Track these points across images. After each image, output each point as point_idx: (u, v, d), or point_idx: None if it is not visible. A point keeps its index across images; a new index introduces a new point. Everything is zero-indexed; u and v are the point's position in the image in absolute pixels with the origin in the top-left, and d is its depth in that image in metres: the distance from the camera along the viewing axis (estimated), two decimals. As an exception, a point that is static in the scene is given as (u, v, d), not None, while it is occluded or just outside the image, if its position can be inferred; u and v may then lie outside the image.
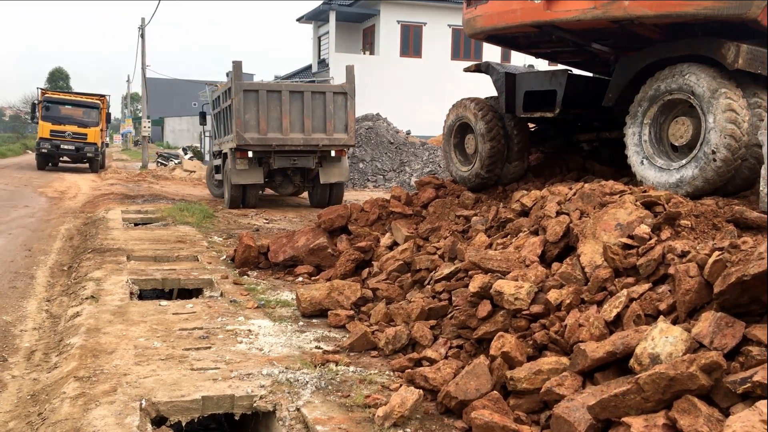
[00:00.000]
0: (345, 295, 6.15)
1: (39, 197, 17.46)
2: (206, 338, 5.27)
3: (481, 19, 7.18)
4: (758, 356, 3.07)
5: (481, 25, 7.22)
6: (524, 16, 6.54)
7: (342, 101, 14.46)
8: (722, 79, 5.38)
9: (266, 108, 13.83)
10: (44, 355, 5.26)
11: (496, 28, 7.06)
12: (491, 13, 7.00)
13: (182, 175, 25.88)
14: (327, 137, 14.34)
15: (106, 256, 8.64)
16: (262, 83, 14.48)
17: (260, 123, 13.83)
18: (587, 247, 4.71)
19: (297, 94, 14.18)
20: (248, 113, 13.76)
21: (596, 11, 5.93)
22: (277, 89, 14.25)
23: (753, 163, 5.39)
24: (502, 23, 6.90)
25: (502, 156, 7.71)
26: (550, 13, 6.27)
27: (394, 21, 33.71)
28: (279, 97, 13.98)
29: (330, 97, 14.38)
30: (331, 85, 15.37)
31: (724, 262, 3.57)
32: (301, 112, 14.11)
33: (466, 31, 7.58)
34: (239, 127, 13.68)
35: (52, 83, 71.95)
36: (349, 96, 14.46)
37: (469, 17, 7.39)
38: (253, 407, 4.08)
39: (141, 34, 33.67)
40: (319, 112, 14.30)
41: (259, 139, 13.84)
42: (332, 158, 14.76)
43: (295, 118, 14.09)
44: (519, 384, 3.79)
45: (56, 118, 28.27)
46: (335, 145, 14.51)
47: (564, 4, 6.17)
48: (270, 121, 13.88)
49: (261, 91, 13.95)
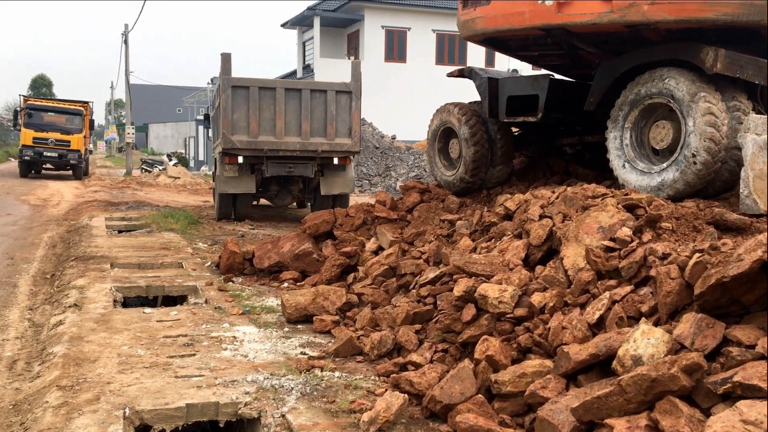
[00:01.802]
0: (330, 301, 6.15)
1: (21, 205, 17.29)
2: (191, 345, 5.25)
3: (481, 20, 6.83)
4: (738, 357, 3.10)
5: (481, 27, 6.88)
6: (533, 19, 6.24)
7: (346, 101, 12.85)
8: (701, 83, 5.45)
9: (258, 107, 12.26)
10: (26, 364, 5.21)
11: (498, 30, 6.73)
12: (494, 15, 6.65)
13: (167, 182, 25.74)
14: (328, 142, 12.75)
15: (90, 264, 8.57)
16: (253, 79, 12.80)
17: (250, 124, 12.26)
18: (570, 250, 4.74)
19: (294, 93, 12.60)
20: (237, 113, 12.21)
21: (613, 15, 5.71)
22: (271, 86, 12.61)
23: (733, 165, 5.46)
24: (507, 26, 6.57)
25: (486, 160, 7.74)
26: (563, 16, 6.00)
27: (379, 26, 33.80)
28: (273, 95, 12.42)
29: (332, 96, 12.75)
30: (333, 83, 13.24)
31: (704, 264, 3.61)
32: (298, 112, 12.55)
33: (462, 33, 7.22)
34: (226, 128, 12.17)
35: (35, 90, 71.44)
36: (355, 96, 12.86)
37: (466, 18, 7.02)
38: (237, 414, 4.06)
39: (124, 40, 33.49)
40: (319, 114, 12.71)
41: (248, 143, 12.29)
42: (335, 166, 13.12)
43: (291, 119, 12.53)
44: (503, 387, 3.81)
45: (39, 125, 28.00)
46: (337, 152, 12.91)
47: (578, 7, 5.90)
48: (262, 122, 12.32)
49: (252, 88, 12.28)
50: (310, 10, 34.20)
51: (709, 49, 5.41)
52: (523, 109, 7.22)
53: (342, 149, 12.87)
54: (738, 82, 5.59)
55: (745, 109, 5.52)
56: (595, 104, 6.46)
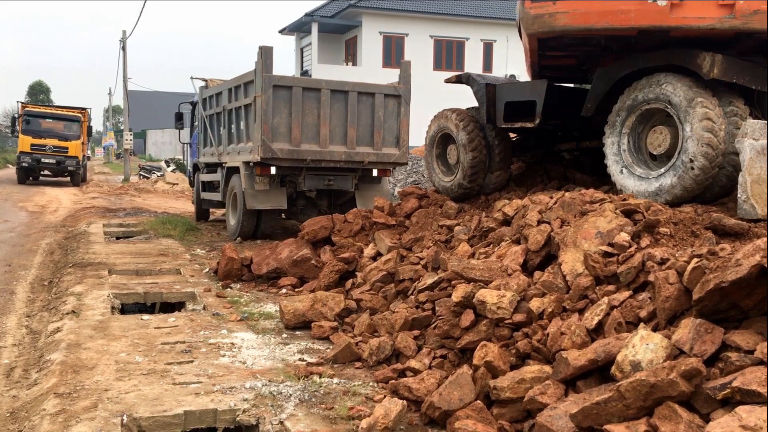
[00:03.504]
0: (329, 307, 6.14)
1: (19, 211, 17.27)
2: (189, 352, 5.23)
3: (565, 16, 6.10)
4: (737, 362, 3.10)
5: (563, 23, 6.12)
6: (640, 19, 5.71)
7: (394, 106, 11.46)
8: (698, 88, 5.46)
9: (300, 111, 10.73)
10: (24, 371, 5.19)
11: (590, 29, 6.03)
12: (586, 12, 5.96)
13: (165, 188, 25.73)
14: (374, 152, 11.30)
15: (88, 271, 8.56)
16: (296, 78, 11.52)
17: (293, 130, 10.71)
18: (568, 255, 4.74)
19: (340, 95, 11.05)
20: (277, 117, 10.60)
21: (735, 21, 5.39)
22: (315, 87, 10.98)
23: (730, 170, 5.47)
24: (603, 24, 5.90)
25: (484, 166, 7.75)
26: (677, 18, 5.58)
27: (377, 32, 33.89)
28: (317, 97, 10.85)
29: (380, 100, 11.32)
30: (381, 85, 11.74)
31: (702, 269, 3.61)
32: (344, 118, 11.09)
33: (532, 27, 6.32)
34: (266, 134, 10.49)
35: (33, 96, 71.39)
36: (404, 100, 11.49)
37: (541, 12, 6.22)
38: (236, 421, 4.05)
39: (122, 47, 33.54)
40: (366, 120, 11.26)
41: (290, 152, 10.70)
42: (372, 179, 11.71)
43: (337, 125, 11.04)
44: (502, 393, 3.80)
45: (37, 131, 28.03)
46: (383, 163, 11.46)
47: (696, 10, 5.51)
48: (304, 128, 10.79)
49: (295, 89, 10.71)
50: (308, 16, 34.27)
51: (705, 54, 5.43)
52: (520, 115, 7.22)
53: (389, 160, 11.47)
54: (735, 87, 5.60)
55: (742, 114, 5.53)
56: (592, 110, 6.46)
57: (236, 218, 11.63)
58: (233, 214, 11.86)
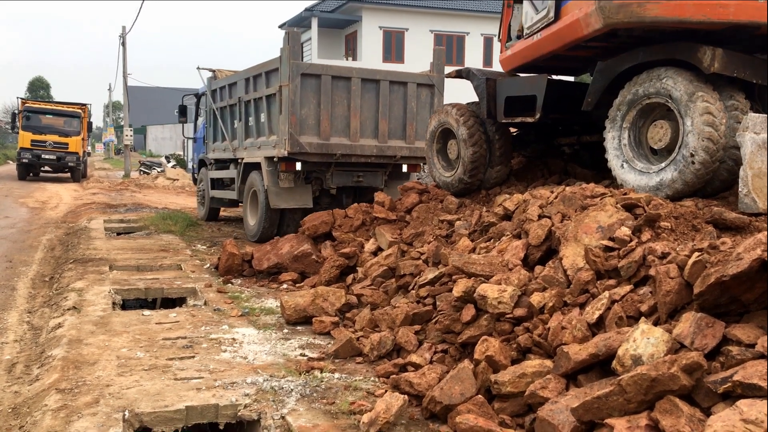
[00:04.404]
0: (330, 302, 6.14)
1: (20, 208, 17.27)
2: (190, 347, 5.24)
3: (658, 7, 5.63)
4: (738, 356, 3.10)
5: (655, 14, 5.66)
6: (740, 14, 5.48)
7: (427, 96, 10.77)
8: (699, 82, 5.44)
9: (330, 102, 10.01)
10: (25, 367, 5.20)
11: (682, 21, 5.64)
12: (682, 4, 5.57)
13: (165, 184, 25.73)
14: (407, 146, 10.67)
15: (88, 267, 8.57)
16: (326, 66, 10.46)
17: (322, 122, 9.98)
18: (569, 249, 4.74)
19: (371, 84, 10.33)
20: (306, 108, 9.85)
21: None
22: (345, 75, 10.26)
23: (731, 164, 5.46)
24: (699, 17, 5.55)
25: (484, 161, 7.74)
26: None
27: (376, 27, 33.83)
28: (348, 86, 10.14)
29: (413, 89, 10.62)
30: (414, 73, 11.04)
31: (703, 263, 3.60)
32: (375, 109, 10.39)
33: (616, 17, 5.82)
34: (293, 127, 9.74)
35: (33, 92, 71.39)
36: (437, 90, 10.81)
37: (624, 3, 5.76)
38: (237, 416, 4.06)
39: (122, 42, 33.50)
40: (398, 111, 10.57)
41: (319, 146, 10.00)
42: (401, 174, 11.05)
43: (368, 117, 10.33)
44: (503, 387, 3.80)
45: (37, 127, 28.03)
46: (415, 157, 10.79)
47: None
48: (334, 120, 10.08)
49: (324, 77, 9.97)
50: (308, 11, 34.22)
51: (706, 48, 5.40)
52: (521, 110, 7.21)
53: (422, 154, 10.51)
54: (736, 81, 5.59)
55: (743, 108, 5.51)
56: (593, 104, 6.44)
57: (257, 218, 10.83)
58: (253, 214, 11.08)
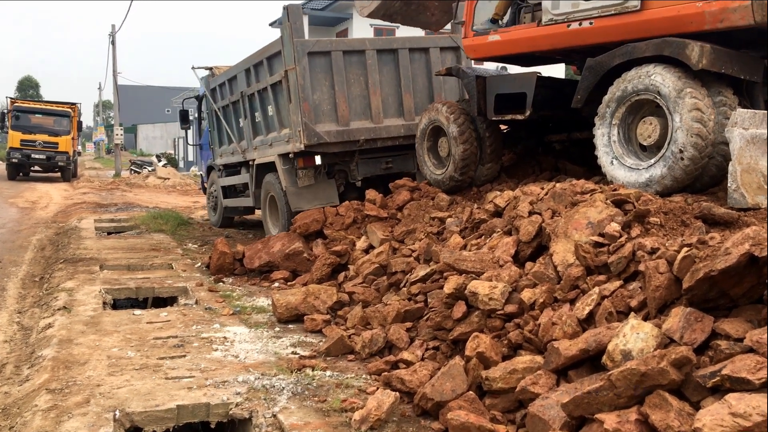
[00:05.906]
0: (321, 300, 6.14)
1: (9, 208, 17.16)
2: (181, 347, 5.23)
3: None
4: (727, 350, 3.12)
5: None
6: None
7: (453, 61, 9.39)
8: (687, 79, 5.46)
9: (344, 81, 8.72)
10: (15, 367, 5.18)
11: None
12: None
13: (156, 183, 25.64)
14: None
15: (79, 266, 8.53)
16: (334, 40, 9.25)
17: (339, 106, 8.68)
18: (559, 246, 4.75)
19: (388, 56, 8.99)
20: (317, 92, 8.55)
21: None
22: (359, 48, 8.92)
23: (720, 160, 5.49)
24: None
25: (475, 158, 7.75)
26: None
27: (367, 25, 33.71)
28: (362, 61, 8.83)
29: (436, 55, 9.28)
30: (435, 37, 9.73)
31: (692, 258, 3.63)
32: (397, 83, 9.08)
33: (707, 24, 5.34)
34: (307, 115, 8.42)
35: (22, 92, 70.97)
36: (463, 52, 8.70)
37: None
38: (228, 415, 4.05)
39: (112, 41, 33.35)
40: (423, 82, 9.26)
41: (338, 134, 8.67)
42: None
43: (389, 93, 9.01)
44: (494, 384, 3.81)
45: (26, 127, 27.85)
46: None
47: None
48: (352, 102, 8.77)
49: (335, 54, 8.63)
50: (298, 9, 34.10)
51: (694, 45, 5.42)
52: (511, 107, 7.22)
53: None
54: (724, 77, 5.61)
55: (731, 104, 5.54)
56: (582, 101, 6.46)
57: (279, 226, 9.34)
58: (274, 221, 9.67)
